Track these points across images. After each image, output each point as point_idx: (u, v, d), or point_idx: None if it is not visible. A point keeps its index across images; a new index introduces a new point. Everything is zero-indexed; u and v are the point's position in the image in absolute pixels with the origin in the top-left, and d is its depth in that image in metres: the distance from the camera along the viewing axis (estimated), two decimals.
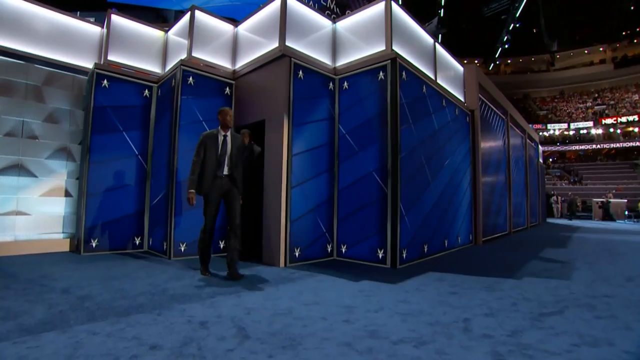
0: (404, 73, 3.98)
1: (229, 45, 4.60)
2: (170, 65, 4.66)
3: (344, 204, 4.12)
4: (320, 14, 4.35)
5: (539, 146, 12.27)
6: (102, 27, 4.73)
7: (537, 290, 2.86)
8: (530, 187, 10.09)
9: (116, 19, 4.59)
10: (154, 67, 4.84)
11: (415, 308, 2.32)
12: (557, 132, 34.77)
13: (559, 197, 18.47)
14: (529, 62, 41.19)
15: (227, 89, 4.52)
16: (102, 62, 4.56)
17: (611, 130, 33.34)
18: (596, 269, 3.87)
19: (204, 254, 3.11)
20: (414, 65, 4.24)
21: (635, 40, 36.60)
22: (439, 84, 4.88)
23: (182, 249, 4.00)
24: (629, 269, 3.89)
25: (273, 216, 3.72)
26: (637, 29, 35.20)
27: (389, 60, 3.84)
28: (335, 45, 4.41)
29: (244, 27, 4.53)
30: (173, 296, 2.50)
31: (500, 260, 4.40)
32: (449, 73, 5.33)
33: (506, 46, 32.32)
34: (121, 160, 4.46)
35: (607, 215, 15.97)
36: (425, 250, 4.30)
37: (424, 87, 4.46)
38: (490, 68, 39.04)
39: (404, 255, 3.82)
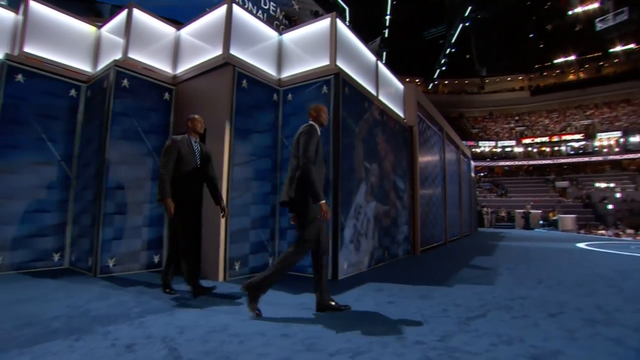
0: (346, 88, 4.13)
1: (169, 49, 4.42)
2: (102, 64, 4.33)
3: (287, 216, 4.11)
4: (267, 24, 4.37)
5: (471, 161, 13.42)
6: (18, 13, 4.22)
7: (465, 296, 3.09)
8: (464, 200, 10.95)
9: (36, 6, 4.10)
10: (83, 65, 4.45)
11: (351, 321, 2.37)
12: (487, 149, 38.38)
13: (489, 209, 20.27)
14: (463, 84, 45.19)
15: (167, 94, 4.31)
16: (16, 54, 4.05)
17: (529, 149, 37.67)
18: (515, 274, 4.29)
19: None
20: (356, 81, 4.43)
21: (544, 73, 42.16)
22: (381, 100, 5.14)
23: (111, 265, 3.67)
24: (540, 273, 4.38)
25: (212, 228, 3.59)
26: (546, 64, 40.57)
27: (333, 75, 3.97)
28: (281, 56, 4.45)
29: (187, 31, 4.38)
30: (96, 318, 2.27)
31: (435, 269, 4.68)
32: (390, 90, 5.65)
33: (443, 68, 35.26)
34: (38, 167, 3.99)
35: (527, 224, 17.90)
36: (367, 261, 4.44)
37: (366, 103, 4.67)
38: (429, 87, 42.16)
39: (345, 267, 3.91)
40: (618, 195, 29.51)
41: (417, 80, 43.22)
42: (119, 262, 3.72)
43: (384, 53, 30.97)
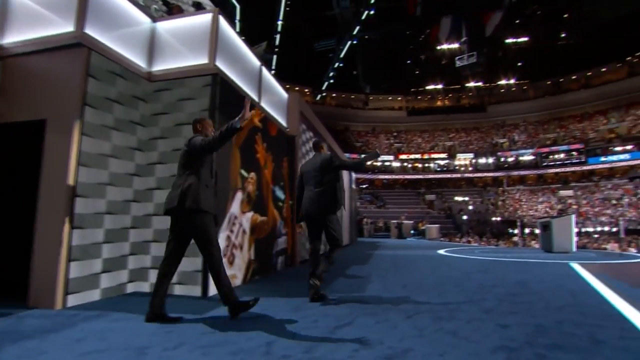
0: (225, 90, 4.07)
1: None
2: None
3: (151, 228, 3.77)
4: (140, 7, 3.99)
5: (353, 174, 14.66)
6: None
7: (337, 305, 3.33)
8: (347, 210, 11.84)
9: None
10: None
11: (219, 338, 2.31)
12: (368, 163, 42.67)
13: (368, 219, 22.44)
14: (349, 99, 49.42)
15: None
16: None
17: (405, 164, 43.41)
18: (384, 281, 4.83)
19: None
20: (237, 85, 4.41)
21: (419, 97, 49.64)
22: (263, 107, 5.23)
23: None
24: (405, 278, 5.04)
25: (48, 242, 3.03)
26: (420, 89, 47.84)
27: (210, 75, 3.86)
28: (153, 47, 4.12)
29: None
30: None
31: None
32: (274, 98, 5.79)
33: (331, 81, 37.94)
34: None
35: (400, 234, 20.44)
36: (242, 275, 4.38)
37: None
38: (317, 98, 44.71)
39: None
40: (470, 207, 36.32)
41: (306, 90, 45.40)
42: None
43: (274, 58, 31.68)
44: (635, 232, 22.23)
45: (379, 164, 42.12)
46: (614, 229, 26.16)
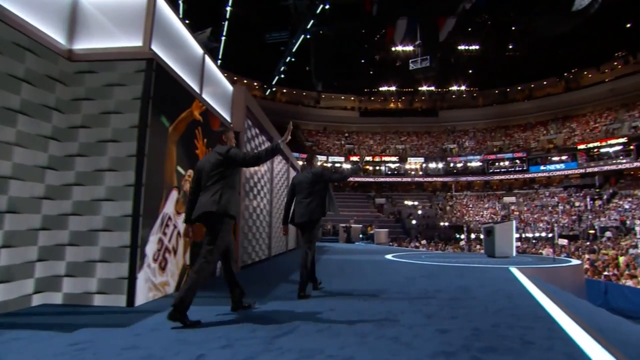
0: (162, 78, 3.89)
1: None
2: None
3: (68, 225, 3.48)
4: None
5: None
6: None
7: (277, 313, 3.32)
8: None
9: None
10: None
11: (143, 354, 2.19)
12: (318, 163, 43.03)
13: None
14: (301, 96, 49.64)
15: None
16: None
17: (360, 159, 44.56)
18: (329, 286, 4.89)
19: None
20: (176, 73, 4.23)
21: (372, 98, 51.19)
22: (205, 99, 5.07)
23: None
24: (351, 284, 5.16)
25: None
26: (373, 89, 49.37)
27: (145, 60, 3.67)
28: (75, 21, 3.80)
29: None
30: None
31: (253, 286, 4.86)
32: (217, 90, 5.64)
33: (282, 76, 37.77)
34: None
35: (349, 238, 20.87)
36: (176, 282, 4.21)
37: (186, 100, 4.51)
38: (267, 93, 44.28)
39: (146, 290, 3.60)
40: (419, 212, 38.11)
41: (255, 84, 44.87)
42: None
43: (220, 47, 30.83)
44: (568, 238, 24.75)
45: (329, 165, 42.71)
46: (550, 235, 28.92)
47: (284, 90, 48.17)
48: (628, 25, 35.40)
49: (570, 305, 3.57)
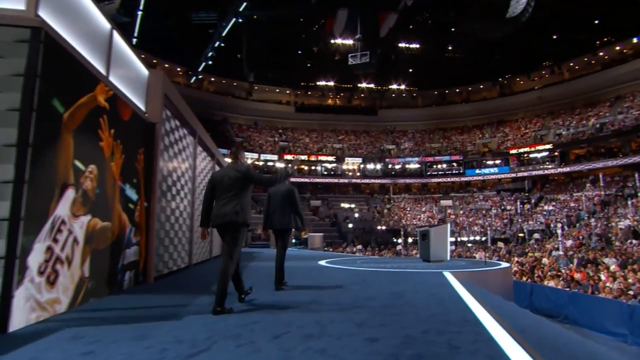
0: (54, 53, 3.53)
1: None
2: None
3: None
4: None
5: None
6: None
7: (195, 329, 3.19)
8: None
9: None
10: None
11: None
12: (249, 161, 42.41)
13: None
14: (231, 86, 48.45)
15: None
16: None
17: (290, 165, 44.48)
18: (257, 297, 4.84)
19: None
20: (73, 48, 3.86)
21: (309, 92, 51.74)
22: (112, 83, 4.71)
23: None
24: (278, 293, 5.14)
25: None
26: (310, 83, 49.93)
27: (30, 29, 3.28)
28: None
29: None
30: None
31: (167, 299, 4.65)
32: (129, 73, 5.28)
33: (210, 62, 36.57)
34: None
35: None
36: (69, 298, 3.85)
37: (87, 82, 4.15)
38: (192, 81, 42.58)
39: (28, 311, 3.23)
40: (356, 215, 39.27)
41: (179, 69, 42.97)
42: None
43: (137, 24, 28.97)
44: (500, 241, 27.18)
45: (260, 163, 42.32)
46: (484, 238, 31.50)
47: (212, 79, 46.63)
48: (555, 37, 39.93)
49: (497, 308, 3.89)
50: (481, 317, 3.49)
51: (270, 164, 43.09)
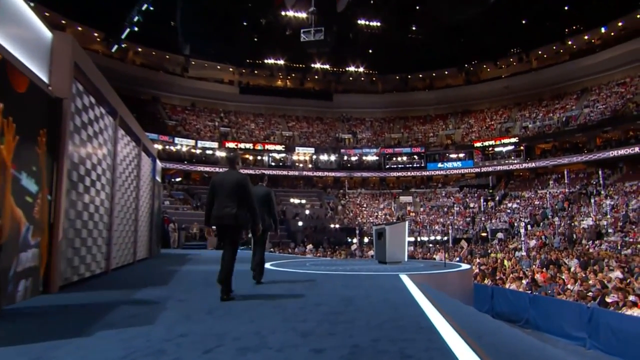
0: None
1: None
2: None
3: None
4: None
5: (158, 161, 13.89)
6: None
7: (108, 346, 3.04)
8: (143, 211, 11.09)
9: None
10: None
11: None
12: (184, 149, 41.24)
13: (176, 224, 21.69)
14: (163, 59, 46.70)
15: None
16: None
17: (231, 154, 43.86)
18: (185, 306, 4.72)
19: None
20: None
21: (256, 71, 51.02)
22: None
23: None
24: (213, 301, 5.03)
25: None
26: (257, 61, 49.28)
27: None
28: None
29: None
30: None
31: (75, 312, 4.44)
32: (24, 34, 4.87)
33: (136, 29, 34.92)
34: None
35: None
36: None
37: None
38: (114, 50, 40.33)
39: None
40: (307, 212, 39.47)
41: (96, 35, 40.62)
42: None
43: None
44: (462, 240, 28.43)
45: (197, 151, 41.32)
46: (445, 238, 32.85)
47: (139, 49, 44.58)
48: (523, 22, 42.19)
49: (454, 313, 4.05)
50: (437, 323, 3.61)
51: (209, 152, 42.18)
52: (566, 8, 39.63)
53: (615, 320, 8.29)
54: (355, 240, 32.63)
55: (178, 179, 40.88)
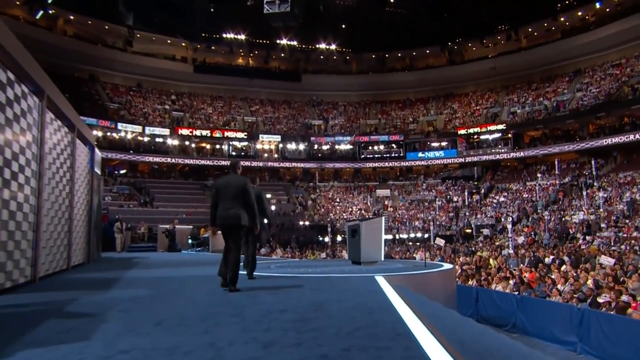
0: None
1: None
2: None
3: None
4: None
5: (97, 150, 13.53)
6: None
7: None
8: (79, 209, 10.80)
9: None
10: None
11: None
12: (129, 136, 40.30)
13: (124, 224, 21.19)
14: (102, 30, 45.25)
15: None
16: None
17: (187, 142, 43.14)
18: (128, 318, 4.60)
19: None
20: None
21: (213, 47, 50.13)
22: None
23: None
24: (164, 311, 4.95)
25: None
26: (215, 35, 48.46)
27: None
28: None
29: None
30: None
31: None
32: None
33: None
34: None
35: (173, 245, 20.20)
36: None
37: None
38: (39, 17, 38.50)
39: None
40: (273, 207, 39.34)
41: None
42: None
43: None
44: (444, 238, 28.98)
45: (145, 139, 40.47)
46: (426, 235, 33.37)
47: (71, 17, 42.84)
48: None
49: (434, 318, 4.10)
50: (415, 329, 3.64)
51: (159, 140, 41.36)
52: None
53: (608, 323, 8.58)
54: (327, 239, 32.79)
55: (122, 171, 40.01)
